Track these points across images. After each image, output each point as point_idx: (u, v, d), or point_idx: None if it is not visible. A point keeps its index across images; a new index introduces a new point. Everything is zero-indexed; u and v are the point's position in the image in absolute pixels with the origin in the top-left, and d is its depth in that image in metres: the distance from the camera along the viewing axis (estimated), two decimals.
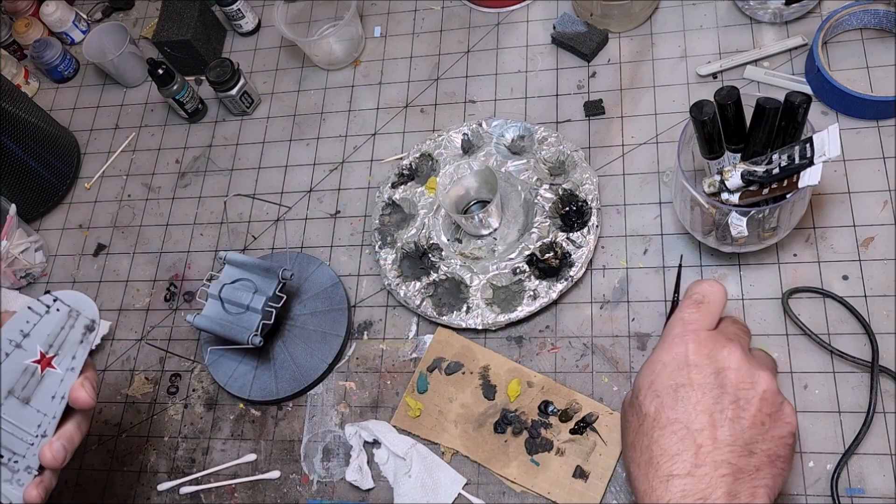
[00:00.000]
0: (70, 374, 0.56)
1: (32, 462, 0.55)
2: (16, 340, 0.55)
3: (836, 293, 0.77)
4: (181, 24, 1.07)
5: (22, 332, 0.56)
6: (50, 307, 0.56)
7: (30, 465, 0.55)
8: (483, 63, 1.01)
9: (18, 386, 0.55)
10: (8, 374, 0.55)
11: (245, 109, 1.05)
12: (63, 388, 0.56)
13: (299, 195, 0.99)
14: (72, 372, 0.56)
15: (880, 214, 0.80)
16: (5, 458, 0.55)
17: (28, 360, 0.55)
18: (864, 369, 0.73)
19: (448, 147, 0.94)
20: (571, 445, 0.76)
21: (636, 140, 0.91)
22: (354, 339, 0.88)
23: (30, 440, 0.55)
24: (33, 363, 0.55)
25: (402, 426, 0.82)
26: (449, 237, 0.90)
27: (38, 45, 1.14)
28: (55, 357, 0.56)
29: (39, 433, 0.55)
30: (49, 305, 0.57)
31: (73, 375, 0.56)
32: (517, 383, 0.80)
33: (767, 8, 0.90)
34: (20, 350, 0.55)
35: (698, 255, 0.83)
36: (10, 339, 0.55)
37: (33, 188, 1.04)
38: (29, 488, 0.55)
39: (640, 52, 0.96)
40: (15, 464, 0.55)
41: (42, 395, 0.55)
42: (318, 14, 1.11)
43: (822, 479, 0.71)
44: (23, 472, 0.55)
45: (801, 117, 0.67)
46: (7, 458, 0.55)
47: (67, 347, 0.56)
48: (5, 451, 0.55)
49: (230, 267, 0.86)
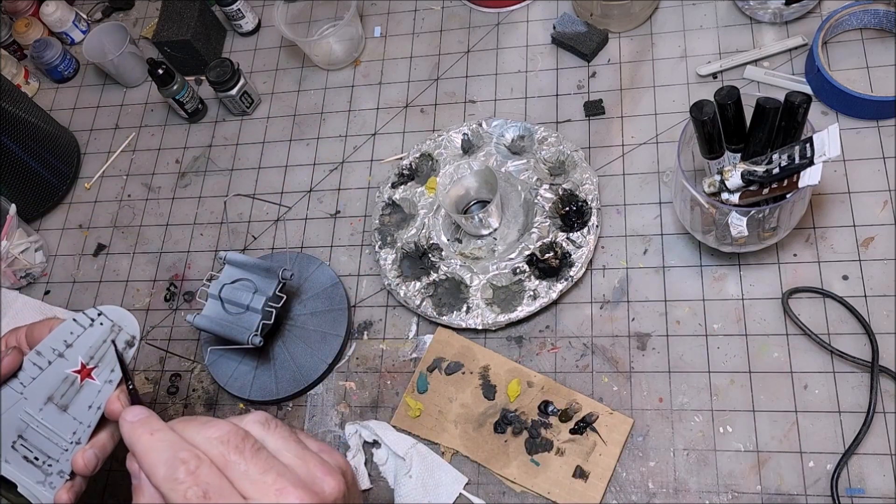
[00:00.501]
0: (108, 386, 0.58)
1: (65, 467, 0.57)
2: (59, 350, 0.58)
3: (836, 293, 0.77)
4: (181, 24, 1.07)
5: (65, 343, 0.58)
6: (94, 321, 0.59)
7: (62, 470, 0.57)
8: (483, 63, 1.01)
9: (58, 393, 0.57)
10: (49, 381, 0.57)
11: (245, 109, 1.05)
12: (100, 399, 0.58)
13: (299, 195, 0.99)
14: (109, 384, 0.58)
15: (880, 214, 0.80)
16: (40, 460, 0.57)
17: (69, 370, 0.57)
18: (864, 369, 0.73)
19: (448, 147, 0.94)
20: (571, 445, 0.76)
21: (636, 140, 0.91)
22: (354, 339, 0.88)
23: (64, 446, 0.57)
24: (74, 373, 0.57)
25: (402, 426, 0.82)
26: (449, 237, 0.90)
27: (38, 45, 1.14)
28: (95, 369, 0.58)
29: (74, 440, 0.57)
30: (93, 319, 0.59)
31: (110, 388, 0.58)
32: (517, 383, 0.80)
33: (767, 8, 0.90)
34: (62, 360, 0.58)
35: (698, 255, 0.83)
36: (53, 348, 0.57)
37: (33, 188, 1.04)
38: (60, 492, 0.57)
39: (640, 52, 0.96)
40: (49, 467, 0.57)
41: (79, 404, 0.57)
42: (318, 14, 1.11)
43: (822, 479, 0.71)
44: (55, 475, 0.57)
45: (801, 117, 0.67)
46: (42, 460, 0.57)
47: (107, 360, 0.59)
48: (40, 454, 0.57)
49: (230, 267, 0.86)
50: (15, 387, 0.56)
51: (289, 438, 0.46)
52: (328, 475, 0.44)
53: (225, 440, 0.44)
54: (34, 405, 0.57)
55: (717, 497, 0.72)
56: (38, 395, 0.57)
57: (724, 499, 0.72)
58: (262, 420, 0.46)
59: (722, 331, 0.79)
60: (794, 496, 0.71)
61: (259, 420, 0.46)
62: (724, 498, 0.72)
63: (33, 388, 0.57)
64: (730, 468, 0.73)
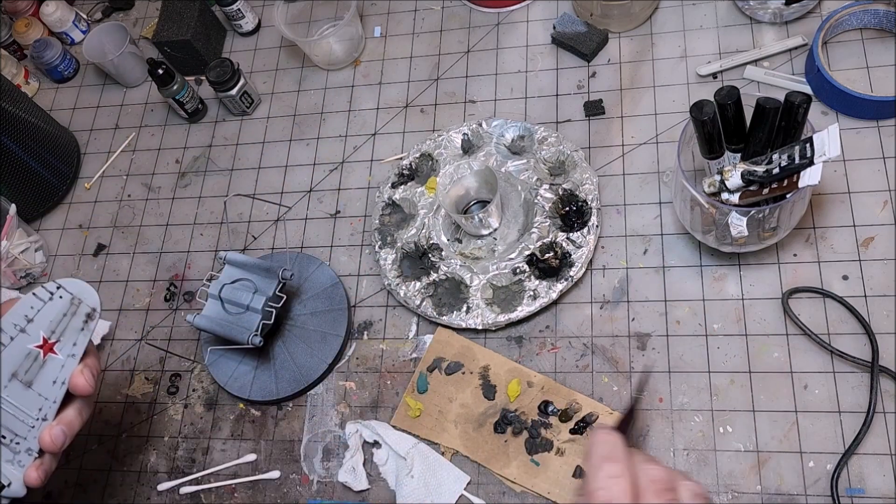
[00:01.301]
0: (71, 360, 0.57)
1: (33, 445, 0.56)
2: (20, 325, 0.57)
3: (835, 293, 0.77)
4: (181, 24, 1.07)
5: (26, 318, 0.57)
6: (53, 294, 0.58)
7: (30, 448, 0.56)
8: (483, 63, 1.01)
9: (21, 370, 0.57)
10: (12, 357, 0.56)
11: (245, 109, 1.05)
12: (64, 374, 0.57)
13: (299, 195, 0.99)
14: (72, 358, 0.57)
15: (880, 214, 0.80)
16: (7, 439, 0.56)
17: (31, 345, 0.57)
18: (864, 369, 0.73)
19: (448, 147, 0.94)
20: (571, 445, 0.76)
21: (636, 140, 0.91)
22: (354, 339, 0.88)
23: (31, 423, 0.56)
24: (36, 348, 0.57)
25: (402, 426, 0.82)
26: (449, 237, 0.90)
27: (38, 45, 1.14)
28: (57, 343, 0.57)
29: (40, 416, 0.56)
30: (52, 292, 0.58)
31: (73, 361, 0.57)
32: (517, 383, 0.80)
33: (767, 8, 0.90)
34: (24, 335, 0.57)
35: (698, 255, 0.83)
36: (14, 323, 0.57)
37: (33, 188, 1.04)
38: (29, 470, 0.56)
39: (640, 52, 0.96)
40: (17, 445, 0.56)
41: (44, 379, 0.57)
42: (318, 14, 1.11)
43: (822, 479, 0.71)
44: (24, 453, 0.56)
45: (801, 117, 0.67)
46: (9, 439, 0.56)
47: (69, 334, 0.58)
48: (7, 432, 0.56)
49: (230, 267, 0.86)
50: None
51: None
52: None
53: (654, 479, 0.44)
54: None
55: (717, 497, 0.72)
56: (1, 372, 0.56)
57: (724, 499, 0.72)
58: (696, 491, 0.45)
59: (722, 331, 0.79)
60: (794, 496, 0.71)
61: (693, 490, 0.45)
62: (724, 498, 0.72)
63: None
64: (730, 468, 0.73)
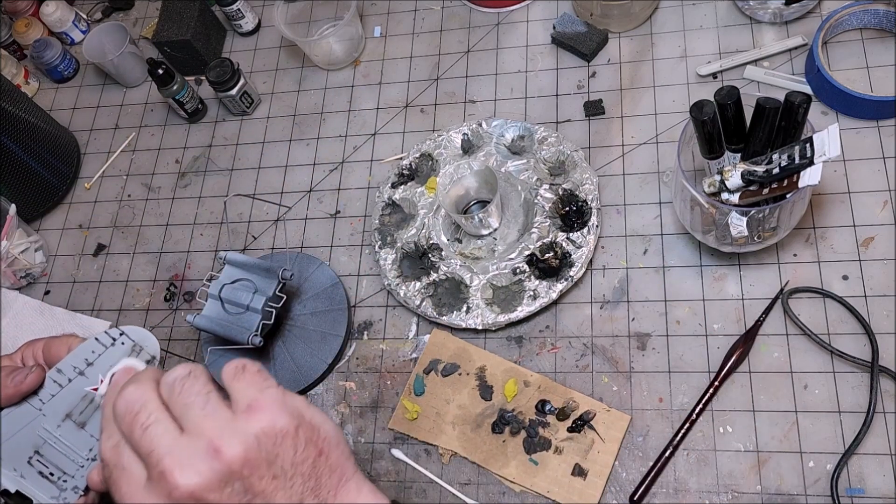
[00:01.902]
0: None
1: (80, 483, 0.58)
2: (80, 368, 0.59)
3: (835, 293, 0.77)
4: (181, 24, 1.07)
5: (86, 361, 0.59)
6: (116, 340, 0.60)
7: (77, 486, 0.58)
8: (483, 63, 1.01)
9: (76, 410, 0.59)
10: (68, 398, 0.58)
11: (245, 109, 1.05)
12: None
13: (299, 195, 0.99)
14: None
15: (880, 214, 0.80)
16: (55, 476, 0.58)
17: (88, 388, 0.58)
18: (864, 369, 0.73)
19: (448, 147, 0.94)
20: (569, 444, 0.76)
21: (636, 140, 0.91)
22: (354, 339, 0.88)
23: (80, 462, 0.58)
24: (92, 390, 0.58)
25: (399, 429, 0.82)
26: (449, 237, 0.90)
27: (38, 45, 1.14)
28: None
29: (90, 456, 0.58)
30: (115, 338, 0.60)
31: None
32: (514, 383, 0.80)
33: (767, 8, 0.90)
34: (82, 377, 0.59)
35: (698, 255, 0.83)
36: (74, 366, 0.58)
37: (33, 188, 1.04)
38: None
39: (640, 52, 0.96)
40: (64, 483, 0.58)
41: (97, 421, 0.58)
42: (318, 14, 1.11)
43: (822, 479, 0.71)
44: (70, 490, 0.58)
45: (801, 117, 0.67)
46: (57, 476, 0.58)
47: None
48: (56, 469, 0.58)
49: (230, 267, 0.86)
50: (34, 403, 0.57)
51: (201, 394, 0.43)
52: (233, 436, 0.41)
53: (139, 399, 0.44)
54: (52, 422, 0.58)
55: (717, 497, 0.72)
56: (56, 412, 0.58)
57: (724, 499, 0.72)
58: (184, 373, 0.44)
59: (722, 331, 0.79)
60: (794, 496, 0.71)
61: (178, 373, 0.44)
62: (724, 498, 0.72)
63: (52, 405, 0.58)
64: (730, 468, 0.73)
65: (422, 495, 0.79)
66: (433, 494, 0.78)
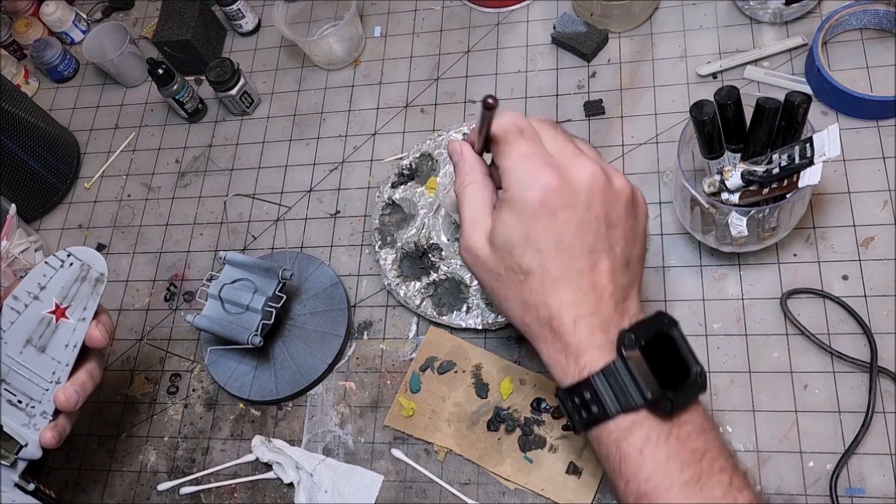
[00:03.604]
0: (81, 324, 0.61)
1: (48, 407, 0.59)
2: (34, 293, 0.60)
3: (834, 294, 0.77)
4: (181, 24, 1.07)
5: (39, 285, 0.60)
6: (64, 261, 0.61)
7: (45, 410, 0.59)
8: (483, 63, 1.01)
9: (35, 335, 0.60)
10: (26, 323, 0.59)
11: (245, 109, 1.06)
12: (75, 338, 0.60)
13: (299, 195, 0.99)
14: (83, 322, 0.61)
15: (880, 214, 0.80)
16: (23, 402, 0.59)
17: (44, 311, 0.59)
18: (864, 369, 0.73)
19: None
20: (564, 442, 0.76)
21: (636, 140, 0.91)
22: (354, 339, 0.88)
23: (45, 386, 0.59)
24: (49, 314, 0.59)
25: (395, 426, 0.82)
26: (449, 237, 0.90)
27: (38, 44, 1.14)
28: (68, 308, 0.60)
29: (54, 380, 0.59)
30: (63, 260, 0.62)
31: (84, 325, 0.61)
32: (509, 381, 0.80)
33: (767, 8, 0.90)
34: (38, 301, 0.60)
35: (698, 255, 0.83)
36: (28, 291, 0.59)
37: (33, 188, 1.04)
38: (44, 431, 0.59)
39: (640, 52, 0.96)
40: (32, 409, 0.59)
41: (56, 343, 0.59)
42: (318, 14, 1.11)
43: (822, 479, 0.71)
44: (39, 416, 0.59)
45: (801, 117, 0.67)
46: (25, 402, 0.59)
47: (79, 299, 0.61)
48: (22, 396, 0.59)
49: (230, 267, 0.86)
50: None
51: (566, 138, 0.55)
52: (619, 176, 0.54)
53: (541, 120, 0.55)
54: (14, 349, 0.58)
55: None
56: (17, 339, 0.58)
57: None
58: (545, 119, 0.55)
59: (722, 331, 0.79)
60: (793, 496, 0.71)
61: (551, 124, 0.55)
62: None
63: (12, 332, 0.58)
64: None
65: (422, 495, 0.79)
66: (433, 494, 0.78)
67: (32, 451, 0.60)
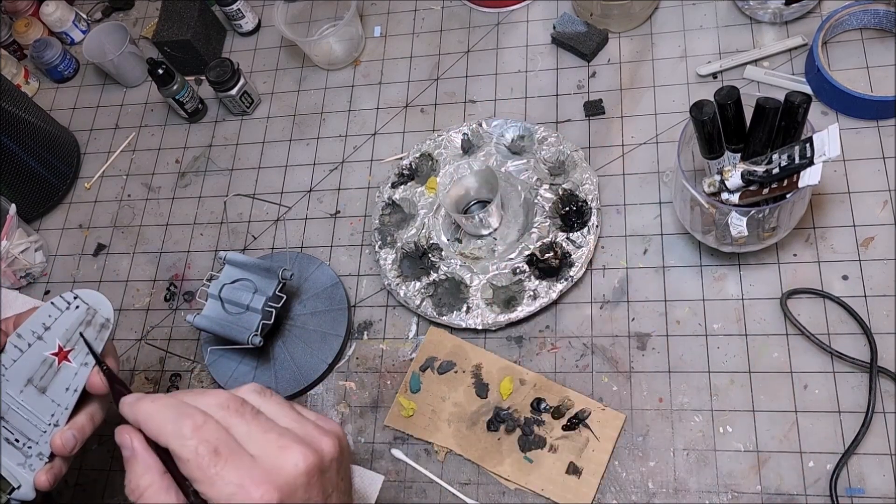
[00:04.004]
0: (83, 369, 0.59)
1: (45, 449, 0.58)
2: (38, 333, 0.59)
3: (834, 294, 0.77)
4: (181, 24, 1.07)
5: (44, 326, 0.59)
6: (70, 304, 0.60)
7: (42, 452, 0.58)
8: (483, 63, 1.01)
9: (37, 376, 0.59)
10: (28, 363, 0.58)
11: (245, 109, 1.06)
12: (77, 382, 0.58)
13: (299, 195, 0.99)
14: (85, 367, 0.59)
15: (880, 214, 0.80)
16: (20, 442, 0.58)
17: (47, 353, 0.58)
18: (864, 369, 0.73)
19: (448, 147, 0.94)
20: (564, 442, 0.76)
21: (636, 140, 0.91)
22: (354, 339, 0.88)
23: (43, 427, 0.58)
24: (52, 355, 0.58)
25: (395, 426, 0.82)
26: (449, 237, 0.90)
27: (38, 45, 1.14)
28: (71, 351, 0.59)
29: (52, 422, 0.58)
30: (70, 302, 0.60)
31: (86, 370, 0.59)
32: (509, 381, 0.80)
33: (767, 8, 0.90)
34: (41, 342, 0.59)
35: (698, 255, 0.83)
36: (32, 330, 0.59)
37: (33, 188, 1.04)
38: (39, 474, 0.58)
39: (640, 52, 0.96)
40: (28, 449, 0.58)
41: (57, 386, 0.58)
42: (318, 14, 1.11)
43: (822, 478, 0.71)
44: (35, 457, 0.58)
45: (801, 117, 0.67)
46: (21, 442, 0.58)
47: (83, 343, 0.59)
48: (20, 435, 0.58)
49: (230, 267, 0.86)
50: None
51: (284, 405, 0.48)
52: (325, 436, 0.46)
53: (224, 406, 0.45)
54: (15, 387, 0.58)
55: (717, 497, 0.72)
56: (18, 378, 0.58)
57: (724, 499, 0.72)
58: (258, 389, 0.48)
59: (722, 331, 0.79)
60: (793, 496, 0.71)
61: (254, 389, 0.48)
62: (724, 498, 0.72)
63: (14, 370, 0.58)
64: (730, 468, 0.73)
65: (422, 495, 0.79)
66: (433, 494, 0.78)
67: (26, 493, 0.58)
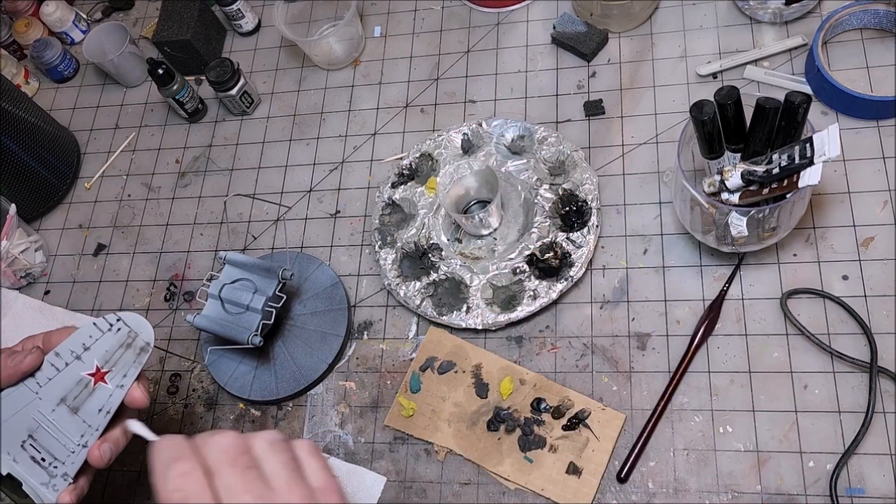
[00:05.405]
0: (118, 391, 0.60)
1: (70, 469, 0.58)
2: (77, 352, 0.60)
3: (834, 294, 0.77)
4: (181, 24, 1.07)
5: (83, 346, 0.60)
6: (112, 325, 0.61)
7: (67, 472, 0.58)
8: (483, 63, 1.01)
9: (71, 395, 0.59)
10: (64, 382, 0.58)
11: (245, 109, 1.06)
12: (111, 403, 0.59)
13: (299, 195, 0.99)
14: (120, 389, 0.60)
15: (880, 214, 0.80)
16: (46, 461, 0.58)
17: (84, 373, 0.59)
18: (864, 369, 0.73)
19: (448, 147, 0.94)
20: (564, 442, 0.76)
21: (636, 140, 0.91)
22: (354, 339, 0.88)
23: (71, 448, 0.58)
24: (88, 375, 0.59)
25: (395, 426, 0.82)
26: (449, 237, 0.90)
27: (38, 45, 1.14)
28: (108, 373, 0.59)
29: (81, 443, 0.58)
30: (112, 324, 0.61)
31: (121, 393, 0.60)
32: (509, 381, 0.80)
33: (767, 8, 0.90)
34: (79, 361, 0.60)
35: (698, 255, 0.83)
36: (72, 350, 0.59)
37: (33, 188, 1.04)
38: (63, 494, 0.58)
39: (640, 52, 0.96)
40: (54, 469, 0.58)
41: (90, 407, 0.59)
42: (318, 14, 1.11)
43: (822, 478, 0.71)
44: (59, 477, 0.58)
45: (801, 117, 0.67)
46: (48, 462, 0.58)
47: (121, 365, 0.61)
48: (48, 455, 0.58)
49: (230, 267, 0.86)
50: (31, 386, 0.58)
51: (288, 465, 0.45)
52: None
53: (224, 449, 0.45)
54: (47, 405, 0.58)
55: (717, 497, 0.72)
56: (52, 396, 0.58)
57: (724, 499, 0.72)
58: (272, 440, 0.46)
59: (722, 331, 0.79)
60: (793, 496, 0.71)
61: (269, 439, 0.46)
62: (724, 498, 0.72)
63: (49, 389, 0.58)
64: (730, 468, 0.73)
65: (422, 495, 0.79)
66: (433, 494, 0.78)
67: None
